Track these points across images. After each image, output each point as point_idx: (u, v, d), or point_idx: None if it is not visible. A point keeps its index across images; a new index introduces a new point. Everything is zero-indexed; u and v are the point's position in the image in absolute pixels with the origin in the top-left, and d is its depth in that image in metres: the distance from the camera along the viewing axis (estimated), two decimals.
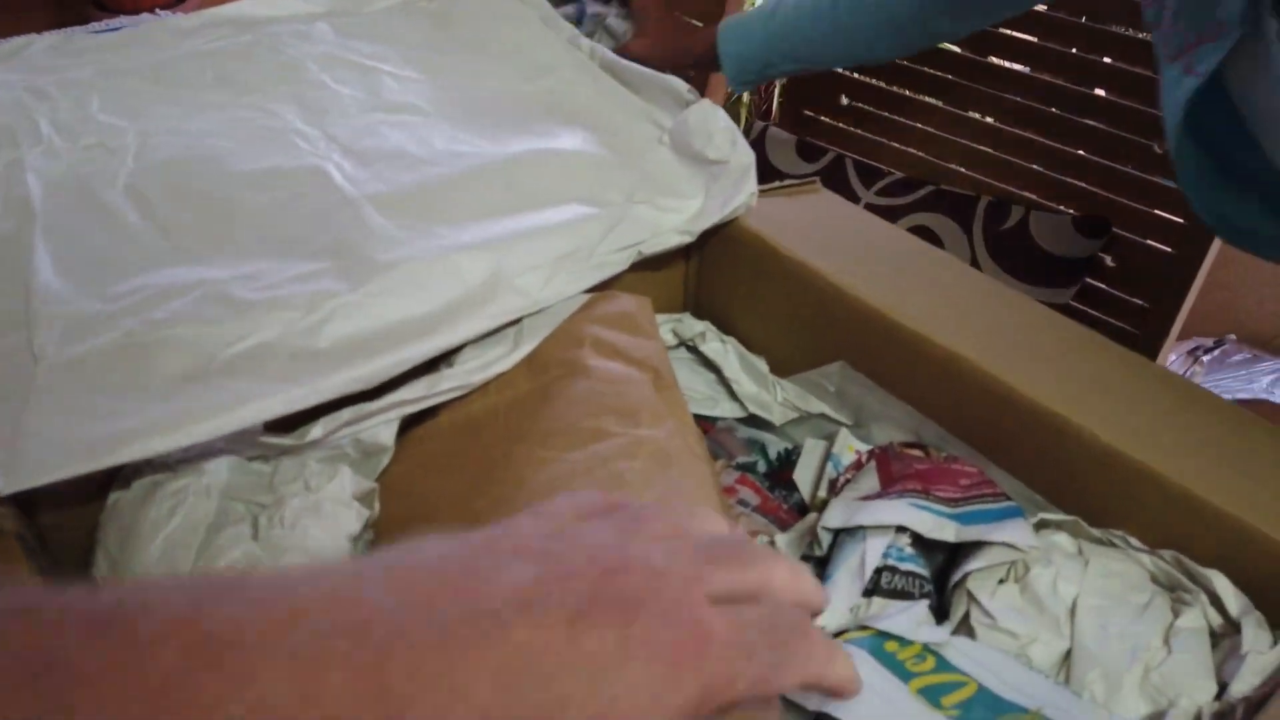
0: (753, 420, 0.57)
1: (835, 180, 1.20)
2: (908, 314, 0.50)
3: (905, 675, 0.33)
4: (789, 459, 0.54)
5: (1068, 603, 0.39)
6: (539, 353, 0.50)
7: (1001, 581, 0.40)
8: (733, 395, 0.57)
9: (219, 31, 0.69)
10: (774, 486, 0.53)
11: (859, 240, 0.57)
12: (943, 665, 0.34)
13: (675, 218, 0.57)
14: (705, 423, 0.57)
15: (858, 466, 0.48)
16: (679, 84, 0.64)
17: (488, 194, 0.56)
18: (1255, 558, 0.38)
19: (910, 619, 0.37)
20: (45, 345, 0.43)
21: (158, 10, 0.96)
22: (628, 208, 0.57)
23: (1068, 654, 0.37)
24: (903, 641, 0.35)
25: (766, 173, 1.25)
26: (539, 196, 0.57)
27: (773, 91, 1.41)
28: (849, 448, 0.53)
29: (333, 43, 0.71)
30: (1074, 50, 1.06)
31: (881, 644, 0.35)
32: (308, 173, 0.56)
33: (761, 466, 0.55)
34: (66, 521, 0.42)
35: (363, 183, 0.55)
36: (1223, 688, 0.36)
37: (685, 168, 0.61)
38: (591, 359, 0.48)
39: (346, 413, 0.44)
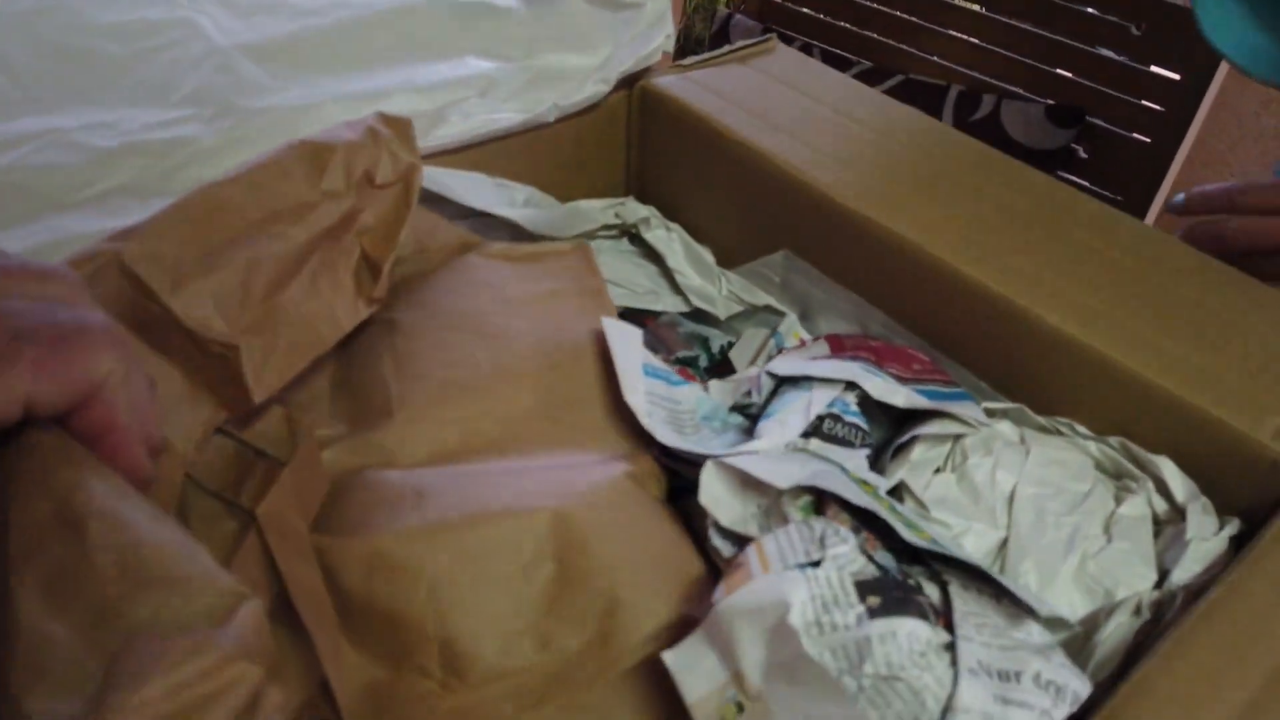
0: (696, 315, 0.53)
1: None
2: (854, 194, 0.45)
3: (874, 498, 0.31)
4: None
5: (1006, 492, 0.37)
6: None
7: (938, 471, 0.38)
8: (676, 289, 0.54)
9: None
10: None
11: (814, 109, 0.53)
12: (895, 508, 0.32)
13: (584, 65, 0.53)
14: (646, 317, 0.54)
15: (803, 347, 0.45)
16: None
17: (374, 44, 0.53)
18: (1206, 442, 0.35)
19: (847, 456, 0.35)
20: None
21: None
22: (529, 59, 0.53)
23: (1004, 544, 0.35)
24: (856, 474, 0.33)
25: None
26: (434, 45, 0.53)
27: None
28: (794, 334, 0.50)
29: None
30: None
31: (840, 469, 0.33)
32: (176, 23, 0.52)
33: (704, 361, 0.52)
34: None
35: (237, 33, 0.52)
36: (1164, 576, 0.34)
37: (594, 16, 0.57)
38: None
39: None
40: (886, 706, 0.26)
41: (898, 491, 0.36)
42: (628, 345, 0.37)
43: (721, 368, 0.51)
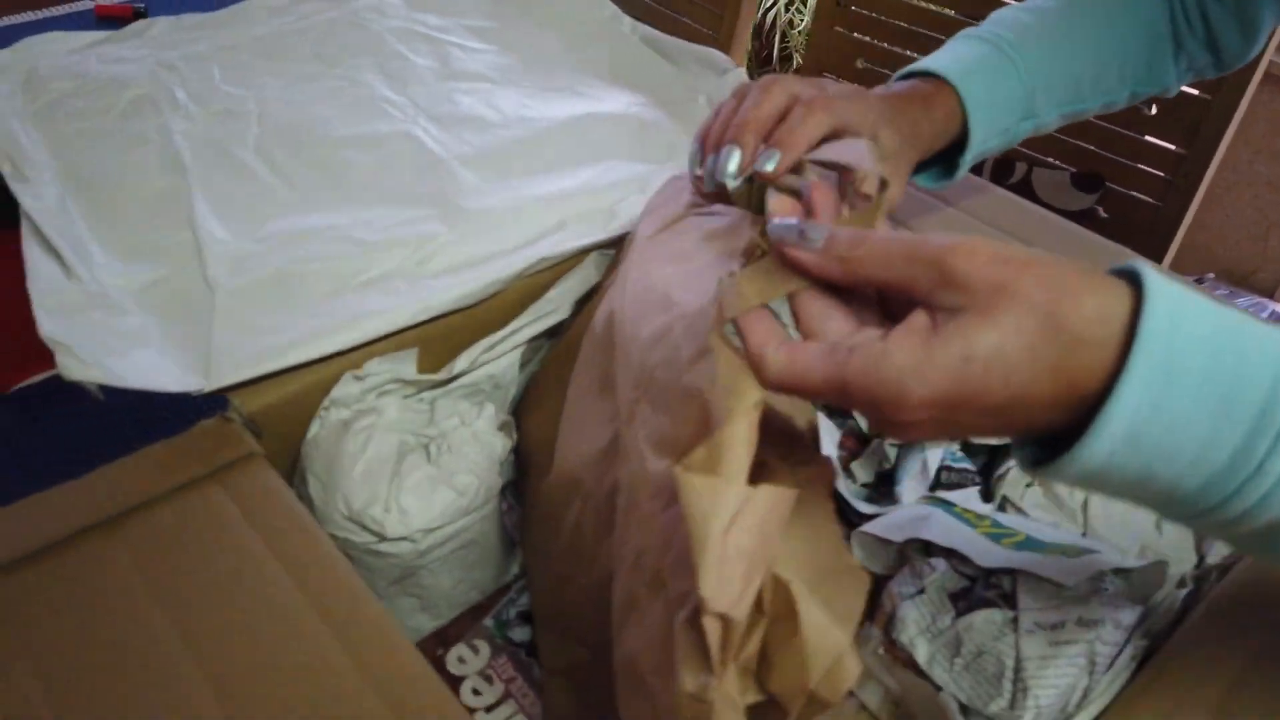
0: None
1: None
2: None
3: (971, 525, 0.44)
4: None
5: (1080, 497, 0.49)
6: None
7: (1029, 485, 0.50)
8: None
9: (305, 8, 0.79)
10: (831, 414, 0.60)
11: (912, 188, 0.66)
12: (997, 524, 0.45)
13: None
14: None
15: None
16: (717, 54, 0.74)
17: (551, 152, 0.67)
18: None
19: (963, 496, 0.48)
20: (217, 277, 0.53)
21: None
22: (670, 160, 0.67)
23: (1083, 536, 0.48)
24: (964, 508, 0.46)
25: None
26: (596, 152, 0.67)
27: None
28: None
29: (404, 16, 0.80)
30: None
31: (950, 507, 0.46)
32: (400, 136, 0.66)
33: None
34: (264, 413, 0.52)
35: (448, 144, 0.66)
36: (1200, 559, 0.46)
37: None
38: (643, 219, 0.51)
39: (481, 344, 0.54)
40: (981, 674, 0.39)
41: (1004, 505, 0.49)
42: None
43: None
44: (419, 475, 0.49)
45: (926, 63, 0.53)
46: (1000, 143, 0.56)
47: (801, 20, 2.49)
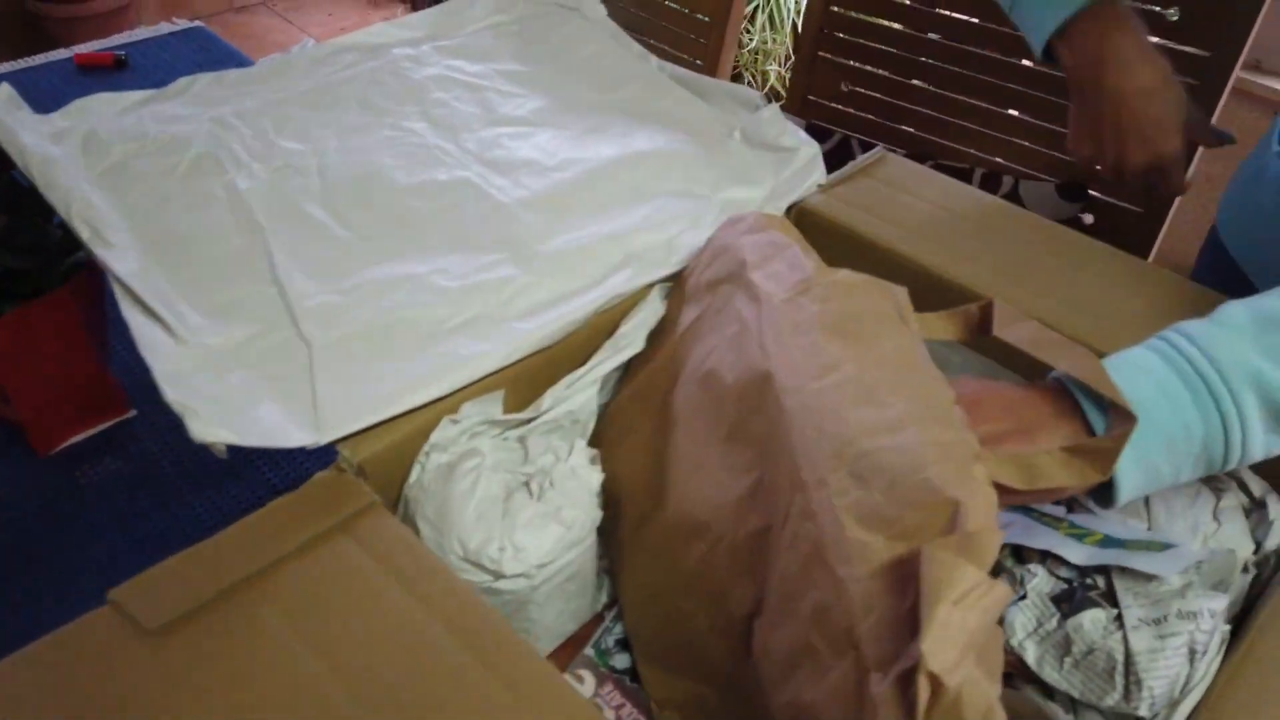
0: None
1: (844, 160, 1.33)
2: (976, 283, 0.63)
3: (1053, 527, 0.47)
4: None
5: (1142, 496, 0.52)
6: (681, 289, 0.62)
7: None
8: None
9: (344, 59, 0.81)
10: None
11: (931, 209, 0.70)
12: (1074, 525, 0.48)
13: (755, 196, 0.70)
14: None
15: None
16: (750, 91, 0.77)
17: (605, 192, 0.69)
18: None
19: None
20: (312, 332, 0.55)
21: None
22: (716, 194, 0.70)
23: (1148, 531, 0.51)
24: (1041, 511, 0.49)
25: None
26: (645, 189, 0.70)
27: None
28: None
29: (440, 64, 0.82)
30: None
31: (1030, 511, 0.49)
32: (459, 183, 0.68)
33: None
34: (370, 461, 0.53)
35: (507, 189, 0.68)
36: (1257, 546, 0.50)
37: (756, 158, 0.74)
38: (751, 273, 0.55)
39: (564, 381, 0.57)
40: (1092, 671, 0.42)
41: (1072, 505, 0.53)
42: None
43: None
44: (530, 513, 0.51)
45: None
46: None
47: (750, 41, 2.56)
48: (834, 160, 0.74)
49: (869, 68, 1.36)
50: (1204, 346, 0.45)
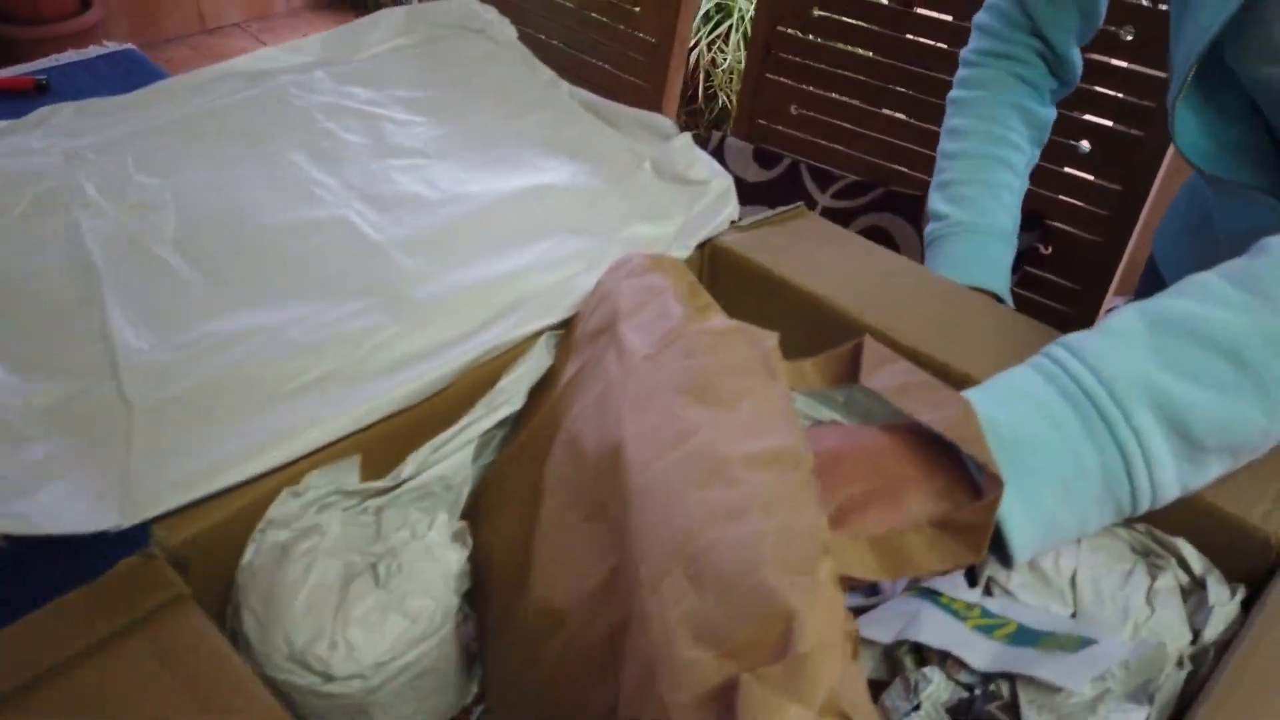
0: None
1: (793, 185, 1.28)
2: (887, 324, 0.57)
3: (961, 618, 0.41)
4: None
5: (1068, 575, 0.46)
6: (568, 341, 0.56)
7: None
8: None
9: (228, 85, 0.75)
10: None
11: (846, 259, 0.65)
12: (986, 613, 0.42)
13: (663, 233, 0.64)
14: None
15: None
16: (661, 118, 0.72)
17: (495, 230, 0.63)
18: (1211, 527, 0.46)
19: (948, 581, 0.45)
20: (134, 393, 0.49)
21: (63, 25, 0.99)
22: (619, 231, 0.64)
23: (1072, 617, 0.45)
24: (950, 597, 0.43)
25: None
26: (543, 226, 0.64)
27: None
28: None
29: (332, 90, 0.77)
30: None
31: (936, 597, 0.43)
32: (334, 221, 0.62)
33: None
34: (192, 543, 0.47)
35: (385, 228, 0.62)
36: (1195, 635, 0.44)
37: (666, 191, 0.69)
38: (621, 324, 0.50)
39: (428, 445, 0.51)
40: None
41: (990, 587, 0.47)
42: None
43: None
44: (368, 603, 0.45)
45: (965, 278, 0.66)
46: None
47: (724, 60, 2.52)
48: (781, 186, 0.69)
49: (819, 90, 1.31)
50: (1091, 360, 0.38)
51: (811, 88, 1.32)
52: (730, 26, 2.49)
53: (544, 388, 0.56)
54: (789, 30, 1.31)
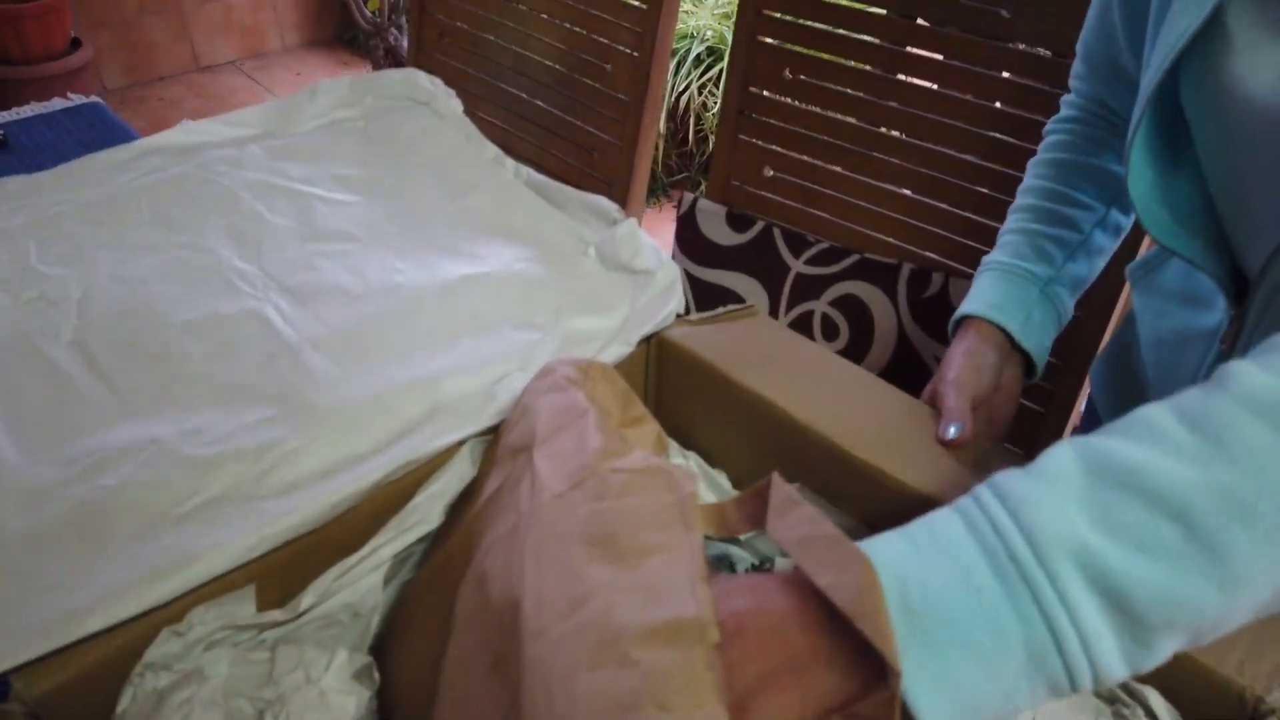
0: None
1: (766, 249, 1.25)
2: (832, 428, 0.54)
3: None
4: (761, 570, 0.57)
5: None
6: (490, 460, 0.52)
7: None
8: None
9: (152, 163, 0.71)
10: None
11: (795, 362, 0.61)
12: None
13: (606, 326, 0.60)
14: None
15: None
16: (607, 202, 0.68)
17: (422, 325, 0.59)
18: (1181, 676, 0.43)
19: None
20: (1, 519, 0.44)
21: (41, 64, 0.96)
22: (559, 323, 0.60)
23: None
24: None
25: (699, 244, 1.30)
26: (474, 321, 0.60)
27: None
28: None
29: (264, 167, 0.73)
30: (975, 130, 1.13)
31: None
32: (246, 317, 0.58)
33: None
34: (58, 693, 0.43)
35: (301, 324, 0.58)
36: None
37: (610, 281, 0.65)
38: (536, 451, 0.47)
39: (331, 572, 0.46)
40: None
41: None
42: None
43: None
44: None
45: (966, 307, 0.69)
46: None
47: (715, 104, 2.51)
48: (755, 250, 0.65)
49: (792, 153, 1.29)
50: (1016, 510, 0.33)
51: (785, 150, 1.29)
52: (721, 70, 2.49)
53: (467, 498, 0.52)
54: (762, 92, 1.28)
